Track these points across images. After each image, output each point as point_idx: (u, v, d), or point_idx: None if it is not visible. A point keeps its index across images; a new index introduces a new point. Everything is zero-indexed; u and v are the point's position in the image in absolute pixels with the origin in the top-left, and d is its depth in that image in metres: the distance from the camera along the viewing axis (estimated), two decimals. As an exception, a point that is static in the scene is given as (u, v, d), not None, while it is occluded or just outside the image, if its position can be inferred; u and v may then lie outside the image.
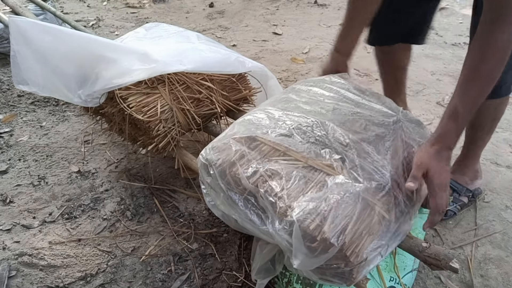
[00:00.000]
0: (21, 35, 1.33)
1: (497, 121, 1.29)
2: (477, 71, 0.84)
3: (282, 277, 1.12)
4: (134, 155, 1.77)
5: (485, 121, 1.30)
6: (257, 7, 3.63)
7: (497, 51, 0.82)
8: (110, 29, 3.14)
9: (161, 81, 1.36)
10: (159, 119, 1.30)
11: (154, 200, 1.54)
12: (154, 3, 3.69)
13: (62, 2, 3.66)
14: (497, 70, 0.84)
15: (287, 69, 2.54)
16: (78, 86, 1.37)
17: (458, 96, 0.87)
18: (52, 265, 1.29)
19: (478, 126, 1.33)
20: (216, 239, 1.38)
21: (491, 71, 0.84)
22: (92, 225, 1.44)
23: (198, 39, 1.52)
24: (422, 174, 0.86)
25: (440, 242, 1.39)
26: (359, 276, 0.84)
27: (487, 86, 0.85)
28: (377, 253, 0.84)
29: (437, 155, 0.86)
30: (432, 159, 0.86)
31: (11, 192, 1.57)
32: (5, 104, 2.11)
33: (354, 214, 0.81)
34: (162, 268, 1.29)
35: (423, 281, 1.25)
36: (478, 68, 0.84)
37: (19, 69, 1.38)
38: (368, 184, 0.86)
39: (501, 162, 1.74)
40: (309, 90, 1.12)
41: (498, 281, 1.26)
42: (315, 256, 0.80)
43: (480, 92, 0.86)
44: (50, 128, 1.95)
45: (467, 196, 1.48)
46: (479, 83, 0.85)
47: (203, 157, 1.00)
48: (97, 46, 1.35)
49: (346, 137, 0.93)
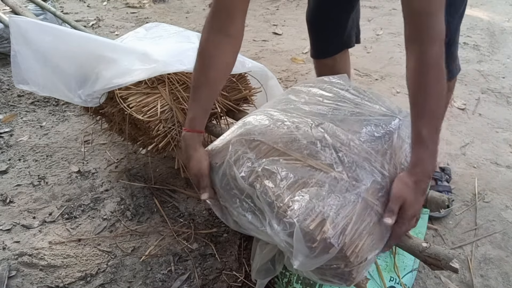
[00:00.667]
0: (22, 35, 1.33)
1: (449, 101, 1.36)
2: (424, 91, 0.82)
3: (282, 277, 1.12)
4: (134, 155, 1.77)
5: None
6: (257, 7, 3.63)
7: (432, 68, 0.81)
8: (110, 29, 3.14)
9: (161, 81, 1.36)
10: (159, 119, 1.30)
11: (154, 200, 1.54)
12: (154, 3, 3.69)
13: (62, 2, 3.66)
14: (441, 81, 0.82)
15: (287, 69, 2.54)
16: (78, 86, 1.37)
17: (415, 119, 0.83)
18: (52, 265, 1.29)
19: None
20: (216, 239, 1.38)
21: (436, 85, 0.81)
22: (92, 225, 1.44)
23: (198, 39, 1.52)
24: (399, 207, 0.82)
25: (440, 242, 1.39)
26: (358, 276, 0.84)
27: (438, 99, 0.83)
28: (376, 253, 0.84)
29: (415, 187, 0.82)
30: (410, 191, 0.82)
31: (11, 192, 1.57)
32: (5, 104, 2.11)
33: (354, 214, 0.81)
34: (162, 268, 1.29)
35: (423, 281, 1.25)
36: (424, 88, 0.82)
37: (19, 68, 1.38)
38: (368, 184, 0.86)
39: (501, 162, 1.74)
40: (308, 91, 1.12)
41: (498, 281, 1.26)
42: (315, 256, 0.80)
43: (436, 108, 0.83)
44: (50, 128, 1.95)
45: (446, 180, 1.59)
46: (429, 101, 0.82)
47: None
48: (97, 46, 1.35)
49: (345, 137, 0.93)
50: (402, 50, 2.61)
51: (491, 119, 2.04)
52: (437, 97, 0.82)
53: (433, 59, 0.80)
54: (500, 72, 2.49)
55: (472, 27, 3.09)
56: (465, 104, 2.16)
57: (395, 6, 3.58)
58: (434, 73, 0.81)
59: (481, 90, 2.30)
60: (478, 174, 1.68)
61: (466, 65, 2.55)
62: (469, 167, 1.72)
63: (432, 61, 0.80)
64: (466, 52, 2.73)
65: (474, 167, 1.72)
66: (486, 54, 2.71)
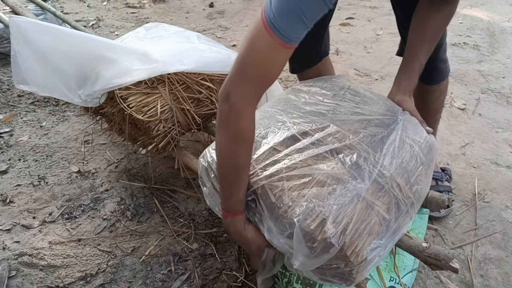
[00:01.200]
0: (22, 35, 1.33)
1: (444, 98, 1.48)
2: (438, 35, 1.09)
3: (282, 277, 1.12)
4: (134, 155, 1.77)
5: (439, 105, 1.47)
6: (257, 7, 3.63)
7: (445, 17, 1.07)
8: (110, 29, 3.14)
9: (161, 81, 1.36)
10: (159, 119, 1.30)
11: (154, 200, 1.54)
12: (154, 3, 3.69)
13: (62, 2, 3.66)
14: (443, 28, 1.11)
15: (287, 69, 2.54)
16: (78, 86, 1.37)
17: (423, 54, 1.07)
18: (52, 265, 1.29)
19: (436, 111, 1.47)
20: (216, 239, 1.38)
21: (440, 31, 1.09)
22: (92, 225, 1.44)
23: (198, 39, 1.52)
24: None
25: (440, 242, 1.39)
26: (358, 276, 0.84)
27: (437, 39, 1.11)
28: (376, 253, 0.84)
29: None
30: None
31: (11, 192, 1.57)
32: (5, 104, 2.11)
33: (354, 214, 0.81)
34: (162, 268, 1.29)
35: (423, 281, 1.25)
36: (435, 33, 1.08)
37: (19, 68, 1.38)
38: (368, 184, 0.86)
39: (501, 162, 1.74)
40: (308, 91, 1.12)
41: (498, 281, 1.26)
42: (316, 256, 0.80)
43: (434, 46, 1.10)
44: (50, 128, 1.95)
45: (446, 180, 1.59)
46: (434, 42, 1.10)
47: (204, 159, 1.00)
48: (97, 46, 1.35)
49: (346, 137, 0.93)
50: (402, 50, 2.58)
51: (491, 119, 2.04)
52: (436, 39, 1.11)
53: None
54: (500, 72, 2.48)
55: (472, 27, 3.09)
56: (465, 104, 2.16)
57: (395, 6, 3.58)
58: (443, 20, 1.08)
59: (481, 90, 2.30)
60: (478, 174, 1.68)
61: (466, 65, 2.55)
62: (469, 167, 1.72)
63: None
64: (466, 52, 2.73)
65: (474, 167, 1.72)
66: (486, 54, 2.71)
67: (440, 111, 1.49)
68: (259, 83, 0.84)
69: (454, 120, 2.04)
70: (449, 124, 1.99)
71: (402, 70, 1.11)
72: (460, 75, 2.44)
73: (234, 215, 0.94)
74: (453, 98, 2.19)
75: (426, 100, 1.41)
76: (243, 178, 0.90)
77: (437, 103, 1.45)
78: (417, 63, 1.08)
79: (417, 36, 1.08)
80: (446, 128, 1.95)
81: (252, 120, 0.87)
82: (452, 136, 1.92)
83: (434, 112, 1.47)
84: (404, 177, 0.92)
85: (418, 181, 0.95)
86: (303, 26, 0.77)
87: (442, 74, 1.37)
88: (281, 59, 0.81)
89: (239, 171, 0.88)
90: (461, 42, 2.83)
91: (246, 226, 0.94)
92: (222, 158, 0.90)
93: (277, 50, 0.79)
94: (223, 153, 0.89)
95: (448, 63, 1.37)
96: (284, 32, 0.76)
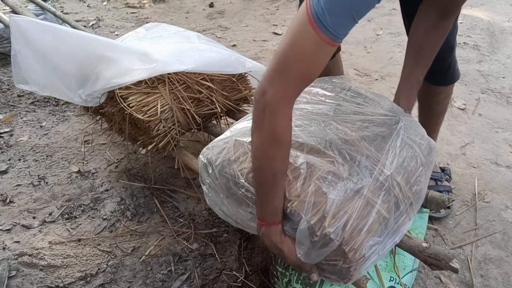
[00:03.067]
0: (22, 35, 1.33)
1: (449, 101, 1.50)
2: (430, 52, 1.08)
3: (282, 277, 1.12)
4: (134, 155, 1.77)
5: (444, 107, 1.49)
6: (257, 7, 3.63)
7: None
8: (110, 29, 3.14)
9: (161, 80, 1.36)
10: (159, 118, 1.30)
11: (154, 200, 1.54)
12: (154, 3, 3.69)
13: (62, 2, 3.65)
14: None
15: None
16: (78, 86, 1.37)
17: (420, 70, 1.09)
18: (52, 265, 1.29)
19: (440, 113, 1.49)
20: (216, 239, 1.38)
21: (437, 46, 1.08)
22: (92, 225, 1.44)
23: (198, 39, 1.52)
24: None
25: (440, 242, 1.39)
26: (356, 273, 0.84)
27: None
28: (374, 251, 0.84)
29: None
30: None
31: (11, 192, 1.57)
32: (5, 104, 2.11)
33: (354, 212, 0.82)
34: (162, 268, 1.29)
35: (423, 281, 1.25)
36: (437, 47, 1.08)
37: (19, 68, 1.38)
38: (368, 183, 0.86)
39: (501, 162, 1.74)
40: (310, 91, 1.12)
41: (498, 281, 1.26)
42: (318, 248, 0.81)
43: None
44: (50, 128, 1.95)
45: (446, 180, 1.59)
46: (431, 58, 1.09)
47: (204, 156, 1.00)
48: (98, 45, 1.35)
49: (347, 136, 0.94)
50: (402, 50, 2.62)
51: (491, 119, 2.04)
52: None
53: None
54: (500, 72, 2.48)
55: (472, 27, 3.09)
56: (465, 104, 2.16)
57: (395, 6, 3.58)
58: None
59: (481, 90, 2.30)
60: (478, 174, 1.68)
61: (466, 65, 2.55)
62: (469, 167, 1.72)
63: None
64: (466, 52, 2.73)
65: (474, 167, 1.72)
66: (486, 54, 2.71)
67: (443, 113, 1.51)
68: (299, 82, 0.78)
69: (454, 120, 2.04)
70: (449, 124, 1.99)
71: (401, 87, 1.12)
72: (460, 75, 2.44)
73: (269, 226, 0.87)
74: (453, 98, 2.19)
75: (432, 102, 1.43)
76: (279, 185, 0.84)
77: (442, 106, 1.46)
78: (415, 80, 1.09)
79: (414, 53, 1.09)
80: (446, 128, 1.95)
81: (289, 121, 0.81)
82: (452, 136, 1.92)
83: (438, 113, 1.49)
84: (405, 177, 0.92)
85: (418, 181, 0.95)
86: (353, 23, 0.73)
87: (455, 76, 1.39)
88: (325, 56, 0.76)
89: (276, 177, 0.83)
90: (461, 42, 2.83)
91: (282, 238, 0.88)
92: (257, 161, 0.84)
93: (322, 47, 0.74)
94: (258, 156, 0.83)
95: (458, 66, 1.39)
96: (333, 29, 0.71)
